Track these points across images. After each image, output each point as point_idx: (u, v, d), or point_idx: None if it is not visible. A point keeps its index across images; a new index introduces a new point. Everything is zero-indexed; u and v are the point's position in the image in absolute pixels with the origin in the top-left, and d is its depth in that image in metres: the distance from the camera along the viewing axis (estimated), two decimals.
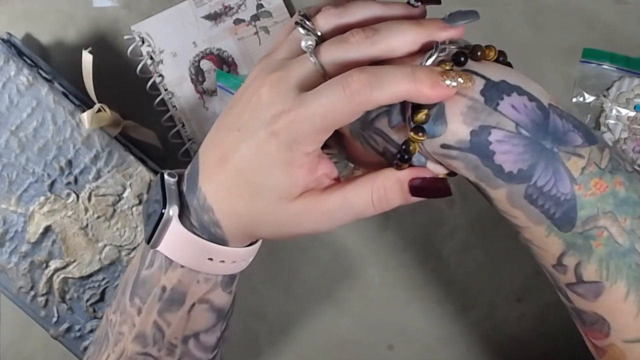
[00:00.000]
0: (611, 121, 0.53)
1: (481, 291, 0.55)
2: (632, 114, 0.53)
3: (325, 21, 0.33)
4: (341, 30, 0.32)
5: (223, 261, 0.36)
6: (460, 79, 0.29)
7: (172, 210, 0.34)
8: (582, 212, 0.30)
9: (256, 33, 0.55)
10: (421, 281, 0.55)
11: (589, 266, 0.31)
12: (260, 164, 0.32)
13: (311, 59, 0.31)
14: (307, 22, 0.32)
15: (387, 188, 0.32)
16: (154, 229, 0.35)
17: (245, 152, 0.32)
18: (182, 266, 0.36)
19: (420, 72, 0.29)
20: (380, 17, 0.33)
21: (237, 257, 0.37)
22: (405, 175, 0.32)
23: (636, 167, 0.53)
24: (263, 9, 0.55)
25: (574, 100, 0.55)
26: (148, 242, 0.36)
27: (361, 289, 0.55)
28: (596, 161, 0.31)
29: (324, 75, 0.31)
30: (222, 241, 0.35)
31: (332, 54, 0.31)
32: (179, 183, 0.36)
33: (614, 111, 0.53)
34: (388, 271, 0.55)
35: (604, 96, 0.54)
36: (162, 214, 0.34)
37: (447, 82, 0.29)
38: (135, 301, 0.37)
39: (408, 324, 0.55)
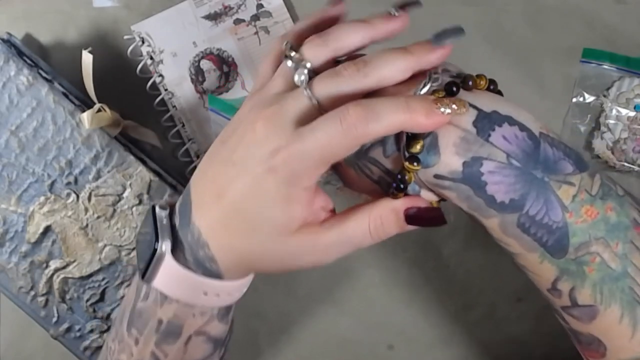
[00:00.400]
0: (611, 121, 0.53)
1: (481, 291, 0.55)
2: (632, 114, 0.53)
3: (313, 53, 0.32)
4: (331, 61, 0.32)
5: (218, 295, 0.36)
6: (454, 106, 0.30)
7: (165, 246, 0.34)
8: (574, 239, 0.31)
9: (256, 33, 0.55)
10: (421, 281, 0.55)
11: (582, 291, 0.32)
12: (258, 200, 0.32)
13: (306, 93, 0.31)
14: (295, 54, 0.32)
15: (383, 218, 0.33)
16: (148, 264, 0.34)
17: (241, 188, 0.32)
18: (178, 300, 0.35)
19: (414, 101, 0.30)
20: (365, 42, 0.33)
21: (232, 290, 0.36)
22: (401, 205, 0.32)
23: (636, 167, 0.53)
24: (263, 9, 0.55)
25: (574, 100, 0.55)
26: (142, 277, 0.35)
27: (361, 289, 0.55)
28: (587, 188, 0.31)
29: (319, 110, 0.31)
30: (217, 275, 0.35)
31: (326, 87, 0.31)
32: (170, 215, 0.35)
33: (614, 111, 0.53)
34: (388, 271, 0.55)
35: (604, 96, 0.54)
36: (155, 250, 0.34)
37: (442, 109, 0.29)
38: (132, 332, 0.37)
39: (408, 324, 0.55)
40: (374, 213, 0.33)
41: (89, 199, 0.50)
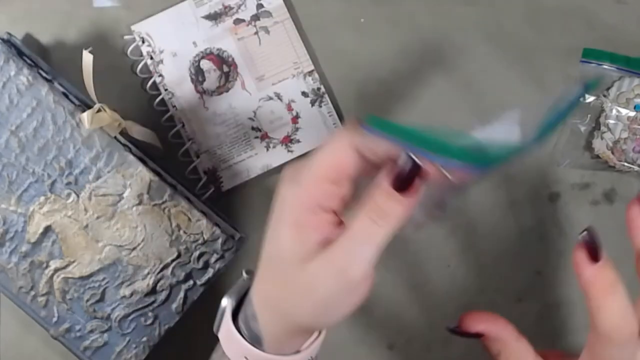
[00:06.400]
0: (611, 121, 0.53)
1: (481, 291, 0.55)
2: (632, 114, 0.53)
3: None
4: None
5: None
6: None
7: (228, 301, 0.37)
8: None
9: (256, 33, 0.55)
10: (421, 281, 0.55)
11: None
12: (275, 237, 0.34)
13: None
14: None
15: (377, 201, 0.31)
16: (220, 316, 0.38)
17: (270, 235, 0.35)
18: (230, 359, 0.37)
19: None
20: None
21: None
22: (381, 179, 0.31)
23: (636, 167, 0.53)
24: (263, 9, 0.55)
25: None
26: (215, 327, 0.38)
27: None
28: None
29: None
30: (257, 339, 0.36)
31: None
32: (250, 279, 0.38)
33: (614, 111, 0.53)
34: (388, 271, 0.55)
35: (604, 96, 0.54)
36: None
37: None
38: None
39: (408, 324, 0.55)
40: (369, 204, 0.31)
41: (89, 199, 0.50)
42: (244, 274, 0.39)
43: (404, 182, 0.30)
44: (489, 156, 0.27)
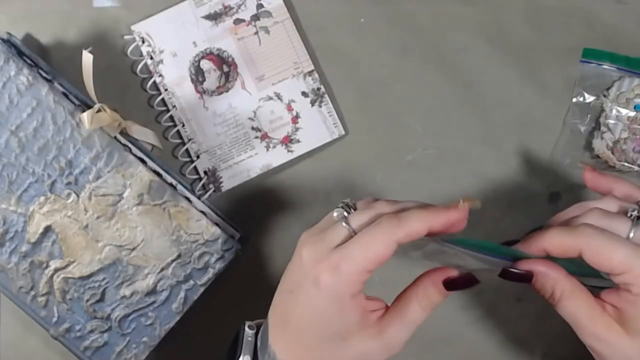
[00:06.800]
0: (611, 121, 0.53)
1: (481, 291, 0.55)
2: (632, 114, 0.53)
3: (364, 203, 0.38)
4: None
5: None
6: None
7: (245, 359, 0.39)
8: None
9: (256, 33, 0.55)
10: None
11: None
12: (315, 319, 0.36)
13: (343, 224, 0.36)
14: (348, 207, 0.38)
15: (428, 294, 0.37)
16: None
17: (300, 312, 0.36)
18: None
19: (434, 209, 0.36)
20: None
21: None
22: (437, 277, 0.37)
23: (636, 167, 0.53)
24: (263, 9, 0.55)
25: (574, 100, 0.55)
26: None
27: None
28: None
29: (352, 232, 0.36)
30: None
31: (359, 217, 0.36)
32: (256, 335, 0.40)
33: (614, 111, 0.53)
34: (388, 271, 0.55)
35: (604, 96, 0.54)
36: None
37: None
38: None
39: None
40: (419, 294, 0.37)
41: (89, 199, 0.50)
42: (247, 329, 0.41)
43: (455, 286, 0.38)
44: (514, 254, 0.39)
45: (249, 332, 0.41)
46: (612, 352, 0.37)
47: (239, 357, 0.39)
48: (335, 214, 0.37)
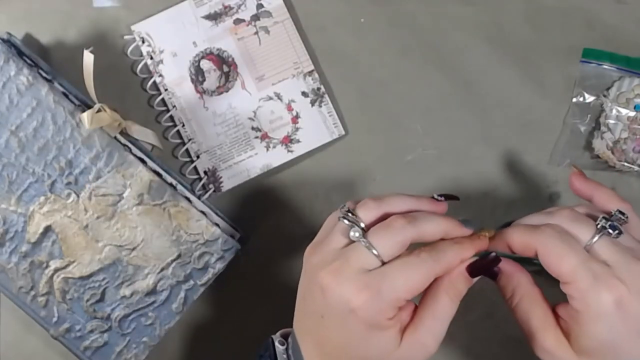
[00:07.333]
0: (611, 121, 0.53)
1: (481, 291, 0.55)
2: (632, 114, 0.53)
3: (367, 212, 0.38)
4: (381, 219, 0.38)
5: None
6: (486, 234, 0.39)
7: None
8: None
9: (256, 33, 0.55)
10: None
11: None
12: (353, 343, 0.36)
13: (364, 244, 0.36)
14: (351, 215, 0.38)
15: (455, 284, 0.38)
16: None
17: (336, 337, 0.37)
18: None
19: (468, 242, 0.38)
20: (412, 209, 0.38)
21: None
22: (462, 267, 0.38)
23: (636, 167, 0.53)
24: (263, 9, 0.55)
25: (574, 100, 0.55)
26: None
27: None
28: None
29: (378, 256, 0.36)
30: None
31: (382, 238, 0.36)
32: (286, 350, 0.41)
33: (614, 111, 0.53)
34: None
35: (604, 96, 0.54)
36: None
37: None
38: None
39: None
40: (447, 285, 0.38)
41: (89, 199, 0.50)
42: (278, 345, 0.41)
43: (480, 271, 0.38)
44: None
45: (280, 349, 0.40)
46: None
47: None
48: (352, 234, 0.37)
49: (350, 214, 0.38)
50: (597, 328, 0.34)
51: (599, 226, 0.36)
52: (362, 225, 0.37)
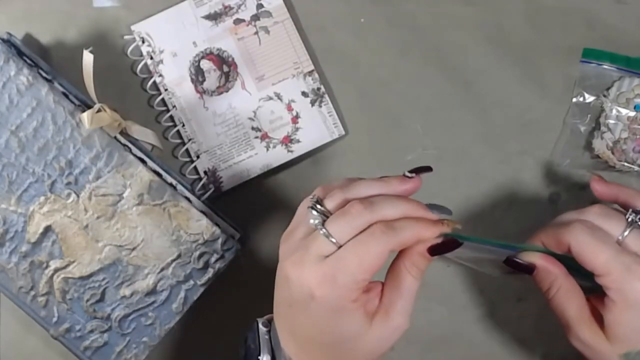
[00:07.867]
0: (611, 121, 0.53)
1: (482, 291, 0.55)
2: (632, 114, 0.53)
3: (332, 201, 0.37)
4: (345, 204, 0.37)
5: None
6: (458, 226, 0.38)
7: (266, 358, 0.40)
8: None
9: (256, 33, 0.55)
10: (421, 281, 0.55)
11: None
12: (321, 328, 0.37)
13: (321, 232, 0.36)
14: (319, 206, 0.37)
15: (416, 262, 0.38)
16: None
17: (304, 324, 0.37)
18: None
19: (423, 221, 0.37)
20: (377, 194, 0.38)
21: None
22: (423, 248, 0.37)
23: (636, 167, 0.53)
24: (263, 9, 0.55)
25: (574, 100, 0.55)
26: None
27: None
28: None
29: (336, 244, 0.36)
30: None
31: (339, 225, 0.36)
32: (269, 332, 0.41)
33: (614, 111, 0.53)
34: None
35: (604, 96, 0.54)
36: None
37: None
38: None
39: None
40: (409, 266, 0.38)
41: (89, 199, 0.50)
42: (261, 326, 0.41)
43: (440, 251, 0.38)
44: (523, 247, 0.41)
45: (263, 330, 0.41)
46: (593, 356, 0.39)
47: (259, 355, 0.40)
48: (311, 221, 0.37)
49: (317, 205, 0.38)
50: (632, 315, 0.37)
51: (629, 220, 0.38)
52: (329, 215, 0.37)
